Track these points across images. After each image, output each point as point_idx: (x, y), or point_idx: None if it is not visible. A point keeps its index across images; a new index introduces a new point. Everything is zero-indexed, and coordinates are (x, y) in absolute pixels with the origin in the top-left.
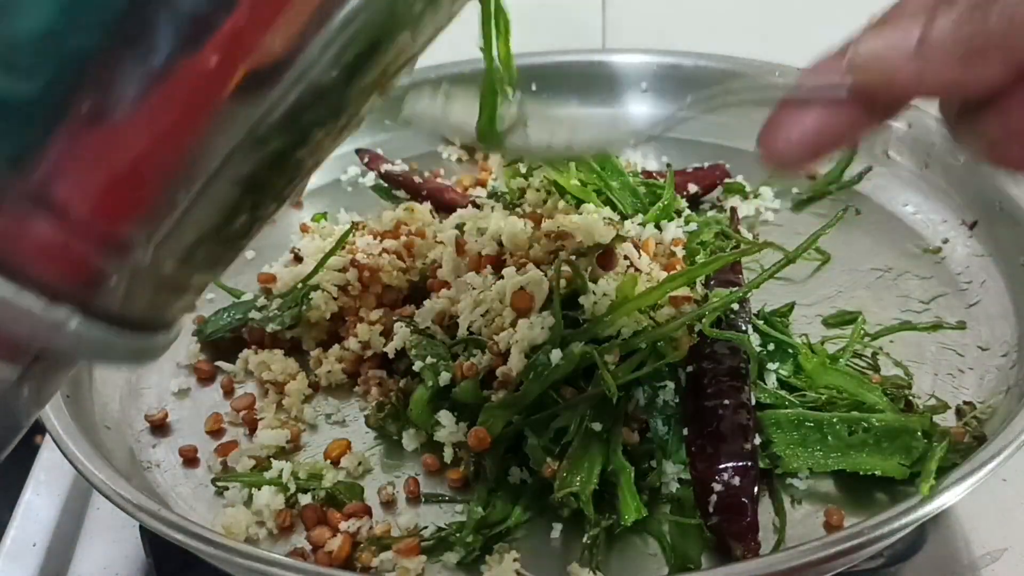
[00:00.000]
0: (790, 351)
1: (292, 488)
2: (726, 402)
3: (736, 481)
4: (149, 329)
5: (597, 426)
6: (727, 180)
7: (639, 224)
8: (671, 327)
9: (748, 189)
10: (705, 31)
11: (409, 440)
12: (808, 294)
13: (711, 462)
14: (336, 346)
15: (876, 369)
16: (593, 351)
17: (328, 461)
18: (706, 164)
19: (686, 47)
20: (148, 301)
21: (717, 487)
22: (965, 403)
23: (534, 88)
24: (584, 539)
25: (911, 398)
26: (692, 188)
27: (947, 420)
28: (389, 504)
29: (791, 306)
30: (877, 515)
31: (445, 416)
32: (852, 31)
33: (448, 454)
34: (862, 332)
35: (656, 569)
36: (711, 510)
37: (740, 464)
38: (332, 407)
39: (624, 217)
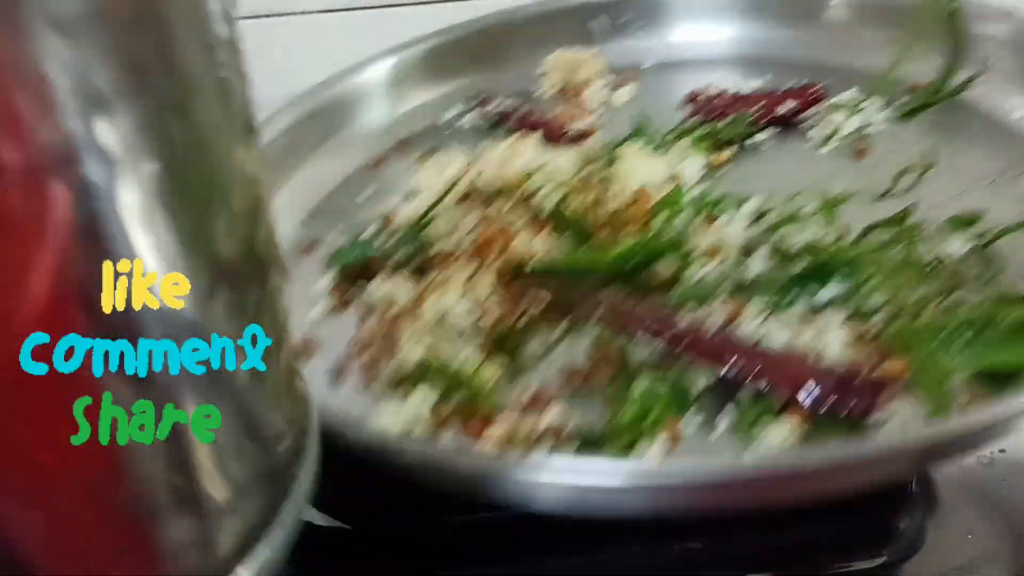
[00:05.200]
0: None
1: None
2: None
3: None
4: None
5: None
6: (831, 100)
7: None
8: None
9: (857, 106)
10: None
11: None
12: (923, 202)
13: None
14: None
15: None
16: None
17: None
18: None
19: None
20: None
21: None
22: None
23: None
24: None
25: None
26: (782, 109)
27: None
28: (535, 403)
29: (906, 212)
30: None
31: None
32: None
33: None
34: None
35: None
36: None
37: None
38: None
39: None
